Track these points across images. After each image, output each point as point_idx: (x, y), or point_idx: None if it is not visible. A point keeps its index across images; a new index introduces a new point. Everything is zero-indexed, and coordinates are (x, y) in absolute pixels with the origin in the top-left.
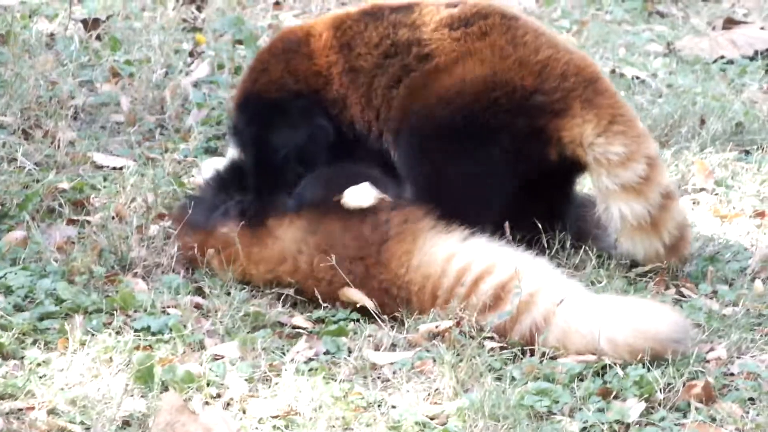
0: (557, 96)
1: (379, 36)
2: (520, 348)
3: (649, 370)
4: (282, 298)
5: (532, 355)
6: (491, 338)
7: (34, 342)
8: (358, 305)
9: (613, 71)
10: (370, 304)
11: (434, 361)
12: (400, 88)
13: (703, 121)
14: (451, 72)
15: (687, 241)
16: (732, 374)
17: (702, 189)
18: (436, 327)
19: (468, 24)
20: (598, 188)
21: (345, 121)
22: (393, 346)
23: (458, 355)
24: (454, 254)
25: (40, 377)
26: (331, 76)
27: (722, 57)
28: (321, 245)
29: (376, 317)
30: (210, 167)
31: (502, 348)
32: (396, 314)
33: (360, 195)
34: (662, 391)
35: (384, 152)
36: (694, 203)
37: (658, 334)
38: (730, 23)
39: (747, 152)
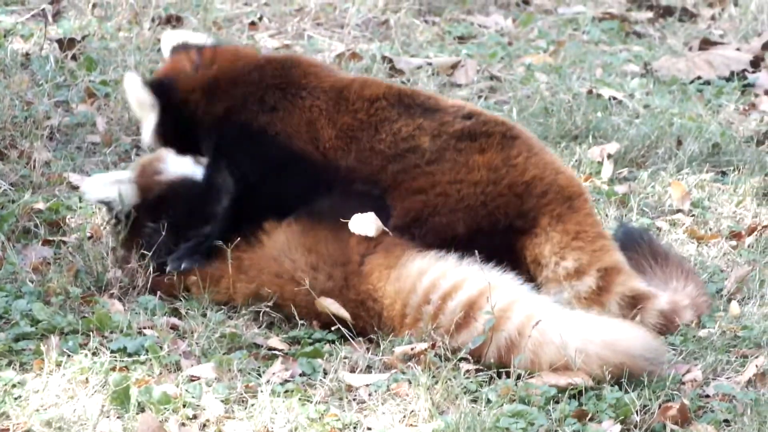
0: (531, 214)
1: (408, 134)
2: (495, 370)
3: (626, 392)
4: (258, 318)
5: (507, 377)
6: (466, 360)
7: (10, 363)
8: (334, 325)
9: (590, 92)
10: (345, 315)
11: (410, 383)
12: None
13: (679, 142)
14: (447, 195)
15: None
16: (707, 396)
17: (679, 210)
18: (412, 349)
19: (473, 139)
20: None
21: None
22: (368, 368)
23: (434, 377)
24: (426, 270)
25: (16, 398)
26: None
27: (699, 78)
28: (307, 245)
29: (351, 339)
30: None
31: (477, 370)
32: (372, 336)
33: (365, 224)
34: (638, 413)
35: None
36: (670, 224)
37: (630, 350)
38: (706, 44)
39: (723, 173)
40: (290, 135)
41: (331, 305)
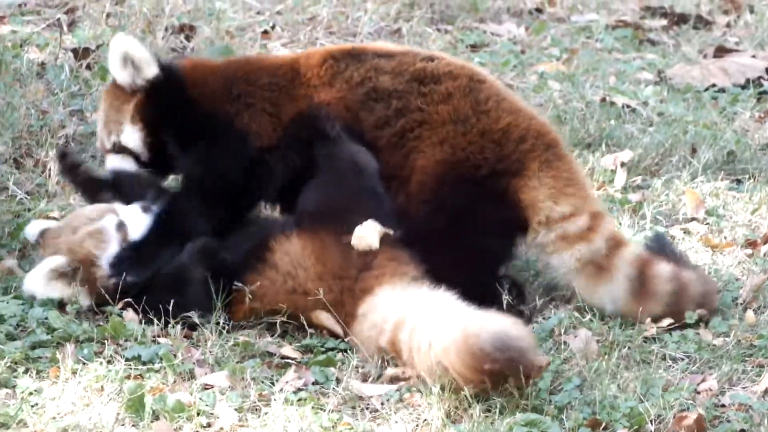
0: (515, 157)
1: (361, 77)
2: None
3: (640, 401)
4: (271, 327)
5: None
6: None
7: (26, 371)
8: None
9: (603, 100)
10: (338, 331)
11: (421, 392)
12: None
13: (694, 150)
14: (417, 158)
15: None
16: (723, 405)
17: (693, 218)
18: (403, 373)
19: (437, 82)
20: (542, 245)
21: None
22: (380, 377)
23: (442, 388)
24: (389, 301)
25: (32, 406)
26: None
27: (714, 85)
28: (315, 253)
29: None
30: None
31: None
32: None
33: (367, 236)
34: (653, 422)
35: None
36: (685, 233)
37: (483, 347)
38: (721, 51)
39: (738, 181)
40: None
41: (325, 320)
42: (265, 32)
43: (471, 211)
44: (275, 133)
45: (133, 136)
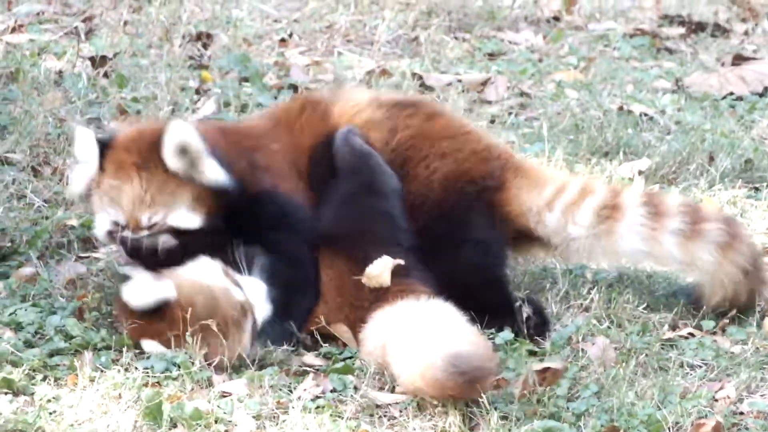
0: (497, 174)
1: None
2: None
3: (658, 408)
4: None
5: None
6: None
7: (45, 378)
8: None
9: (620, 108)
10: (355, 346)
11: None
12: None
13: (712, 158)
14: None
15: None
16: (741, 413)
17: None
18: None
19: (415, 106)
20: (555, 227)
21: None
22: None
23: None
24: (384, 329)
25: (51, 413)
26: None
27: (731, 93)
28: (334, 282)
29: None
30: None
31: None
32: None
33: (379, 276)
34: (670, 429)
35: None
36: None
37: (440, 366)
38: (739, 59)
39: (756, 189)
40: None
41: (344, 333)
42: (283, 40)
43: (470, 223)
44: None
45: (191, 219)
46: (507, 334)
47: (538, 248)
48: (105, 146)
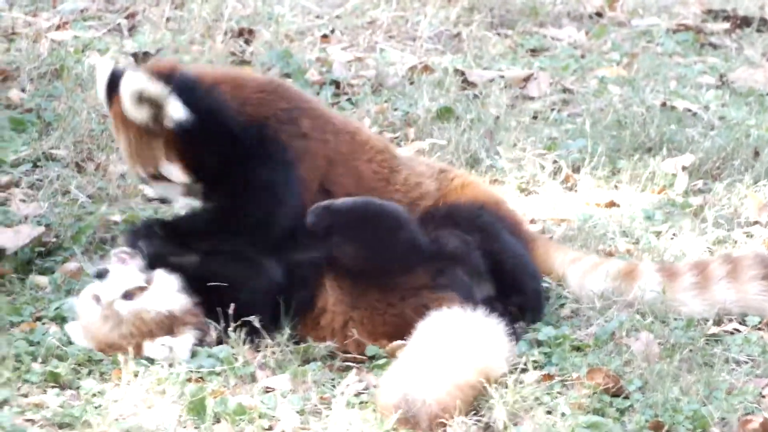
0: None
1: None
2: (562, 382)
3: (703, 404)
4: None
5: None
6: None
7: (89, 372)
8: None
9: (664, 104)
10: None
11: (482, 395)
12: None
13: (757, 153)
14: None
15: None
16: None
17: (755, 222)
18: None
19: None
20: None
21: None
22: None
23: (506, 386)
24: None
25: (96, 407)
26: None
27: None
28: (363, 321)
29: None
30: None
31: (544, 379)
32: None
33: None
34: (716, 425)
35: None
36: (747, 236)
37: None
38: None
39: None
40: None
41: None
42: (325, 36)
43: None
44: None
45: (172, 170)
46: (550, 329)
47: None
48: (111, 91)
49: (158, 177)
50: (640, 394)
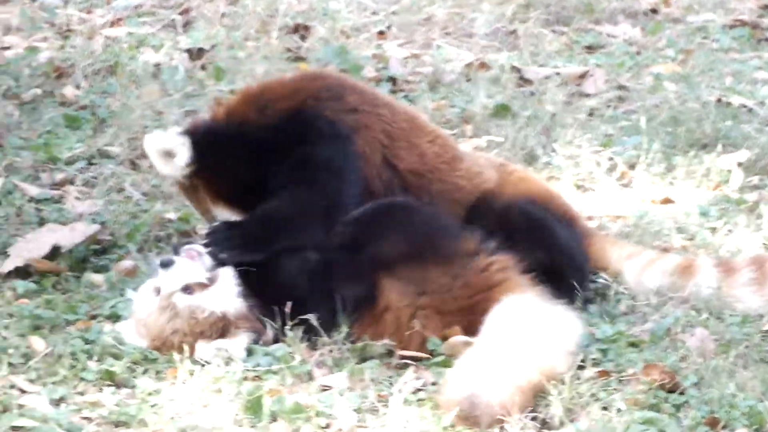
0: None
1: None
2: (618, 379)
3: (760, 400)
4: None
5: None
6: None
7: (145, 371)
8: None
9: (719, 100)
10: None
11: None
12: None
13: None
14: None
15: None
16: None
17: None
18: None
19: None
20: None
21: None
22: None
23: (563, 382)
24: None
25: (152, 406)
26: None
27: None
28: (434, 304)
29: None
30: None
31: (600, 375)
32: None
33: None
34: None
35: None
36: None
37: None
38: None
39: None
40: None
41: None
42: (381, 32)
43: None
44: None
45: (224, 212)
46: (607, 326)
47: None
48: None
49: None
50: (695, 390)
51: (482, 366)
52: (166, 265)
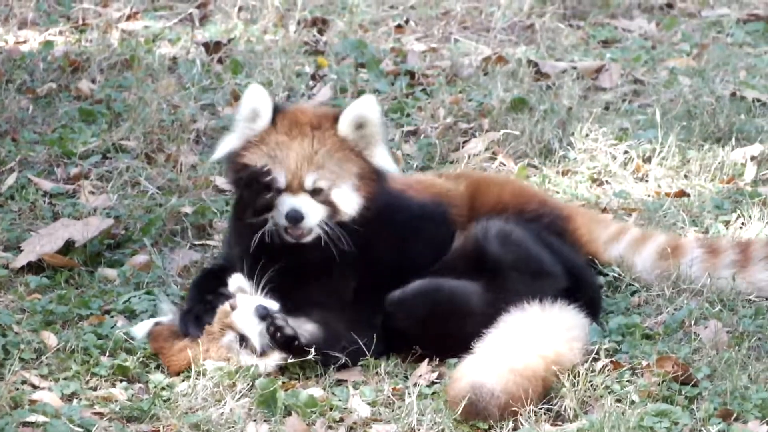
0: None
1: None
2: (632, 370)
3: None
4: None
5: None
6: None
7: (158, 366)
8: None
9: (733, 94)
10: None
11: (552, 385)
12: None
13: None
14: None
15: None
16: None
17: None
18: None
19: None
20: None
21: None
22: None
23: (577, 375)
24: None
25: (165, 401)
26: None
27: None
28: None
29: None
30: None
31: (614, 367)
32: None
33: None
34: None
35: None
36: None
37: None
38: None
39: None
40: None
41: None
42: (399, 26)
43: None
44: None
45: (350, 200)
46: (621, 318)
47: None
48: (278, 108)
49: (319, 193)
50: (708, 382)
51: (483, 359)
52: (263, 317)
